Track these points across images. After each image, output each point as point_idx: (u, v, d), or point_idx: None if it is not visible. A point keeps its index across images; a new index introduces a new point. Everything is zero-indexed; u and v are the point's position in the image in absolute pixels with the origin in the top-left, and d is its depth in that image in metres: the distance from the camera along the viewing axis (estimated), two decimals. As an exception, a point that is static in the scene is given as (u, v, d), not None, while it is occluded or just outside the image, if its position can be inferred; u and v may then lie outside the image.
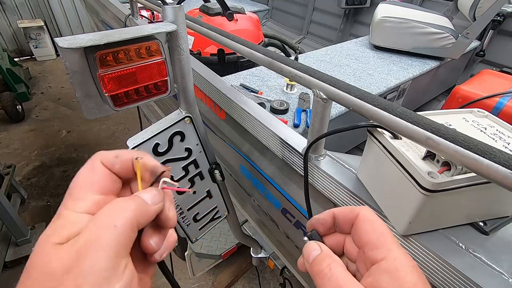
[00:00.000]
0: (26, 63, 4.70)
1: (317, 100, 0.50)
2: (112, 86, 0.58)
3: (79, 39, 0.50)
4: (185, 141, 0.81)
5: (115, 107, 0.61)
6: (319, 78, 0.48)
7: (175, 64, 0.67)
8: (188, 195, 0.92)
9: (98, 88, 0.58)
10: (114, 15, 1.61)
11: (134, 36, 0.54)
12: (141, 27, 0.57)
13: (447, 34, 1.71)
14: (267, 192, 0.94)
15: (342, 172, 0.56)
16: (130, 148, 0.70)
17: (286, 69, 0.54)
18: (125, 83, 0.59)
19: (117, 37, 0.52)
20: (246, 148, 0.92)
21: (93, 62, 0.54)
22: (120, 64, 0.57)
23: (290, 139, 0.63)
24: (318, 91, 0.49)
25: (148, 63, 0.60)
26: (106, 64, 0.55)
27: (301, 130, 1.17)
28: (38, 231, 2.15)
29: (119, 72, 0.57)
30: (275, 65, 0.57)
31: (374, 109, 0.41)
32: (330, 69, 1.64)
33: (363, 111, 0.43)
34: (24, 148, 3.05)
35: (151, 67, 0.61)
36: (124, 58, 0.57)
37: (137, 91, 0.62)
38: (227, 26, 1.72)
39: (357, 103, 0.43)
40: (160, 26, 0.58)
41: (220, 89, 0.83)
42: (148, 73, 0.62)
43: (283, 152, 0.66)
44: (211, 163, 0.92)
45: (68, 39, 0.50)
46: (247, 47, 0.63)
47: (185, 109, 0.77)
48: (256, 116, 0.70)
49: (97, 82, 0.57)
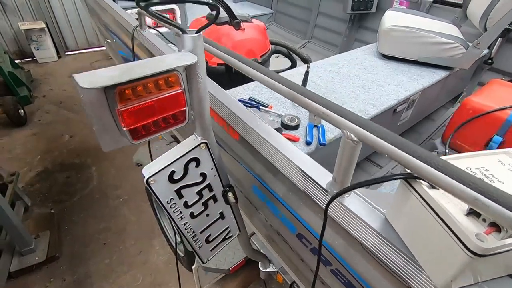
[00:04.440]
0: (27, 65, 4.67)
1: (347, 141, 0.48)
2: (131, 120, 0.56)
3: (99, 76, 0.48)
4: (200, 166, 0.79)
5: (133, 140, 0.59)
6: (350, 119, 0.47)
7: (192, 91, 0.65)
8: (201, 217, 0.91)
9: (116, 121, 0.57)
10: (120, 25, 1.59)
11: (155, 71, 0.52)
12: (162, 59, 0.55)
13: (457, 44, 1.69)
14: (282, 215, 0.92)
15: (370, 212, 0.54)
16: (146, 178, 0.69)
17: (312, 106, 0.52)
18: (143, 116, 0.57)
19: (138, 73, 0.50)
20: (260, 170, 0.90)
21: (112, 98, 0.52)
22: (139, 98, 0.55)
23: (313, 173, 0.61)
24: (349, 132, 0.47)
25: (167, 95, 0.58)
26: (125, 99, 0.53)
27: (313, 148, 1.15)
28: (42, 240, 2.13)
29: (138, 106, 0.55)
30: (300, 100, 0.55)
31: (413, 160, 0.39)
32: (340, 80, 1.62)
33: (400, 159, 0.41)
34: (26, 153, 3.03)
35: (170, 99, 0.59)
36: (143, 91, 0.55)
37: (156, 123, 0.61)
38: (234, 36, 1.70)
39: (393, 151, 0.41)
40: (181, 58, 0.56)
41: (236, 113, 0.81)
42: (166, 105, 0.60)
43: (305, 184, 0.64)
44: (224, 186, 0.91)
45: (87, 76, 0.48)
46: (270, 77, 0.61)
47: (200, 135, 0.75)
48: (276, 145, 0.68)
49: (116, 117, 0.55)
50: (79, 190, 2.65)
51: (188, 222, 0.87)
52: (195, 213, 0.87)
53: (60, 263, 2.10)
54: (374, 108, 1.40)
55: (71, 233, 2.30)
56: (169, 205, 0.78)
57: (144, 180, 0.69)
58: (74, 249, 2.20)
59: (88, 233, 2.30)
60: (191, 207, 0.85)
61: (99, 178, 2.77)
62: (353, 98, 1.46)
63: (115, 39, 2.04)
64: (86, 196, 2.61)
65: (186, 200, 0.82)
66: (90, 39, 5.35)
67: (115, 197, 2.59)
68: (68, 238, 2.27)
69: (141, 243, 2.26)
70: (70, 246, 2.21)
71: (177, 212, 0.82)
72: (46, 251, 2.08)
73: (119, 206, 2.51)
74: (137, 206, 2.51)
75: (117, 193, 2.63)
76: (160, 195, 0.74)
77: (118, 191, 2.64)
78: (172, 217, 0.82)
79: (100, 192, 2.64)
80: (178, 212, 0.82)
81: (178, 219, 0.84)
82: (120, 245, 2.23)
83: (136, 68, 0.51)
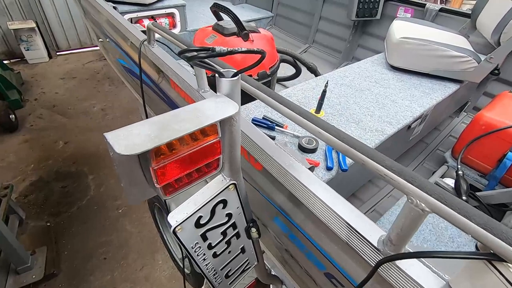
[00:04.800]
0: (17, 66, 4.50)
1: (413, 208, 0.44)
2: (164, 176, 0.50)
3: (135, 137, 0.42)
4: (227, 207, 0.73)
5: (165, 195, 0.53)
6: (421, 187, 0.42)
7: (225, 135, 0.60)
8: (223, 255, 0.85)
9: (146, 177, 0.51)
10: (124, 36, 1.51)
11: (197, 128, 0.46)
12: (200, 109, 0.49)
13: (470, 58, 1.67)
14: (308, 251, 0.87)
15: (429, 277, 0.49)
16: (174, 227, 0.63)
17: (372, 166, 0.47)
18: (177, 170, 0.52)
19: (179, 130, 0.44)
20: (287, 206, 0.85)
21: (145, 156, 0.46)
22: (174, 153, 0.49)
23: (361, 228, 0.56)
24: (418, 201, 0.42)
25: (203, 145, 0.52)
26: (159, 155, 0.47)
27: (334, 173, 1.10)
28: (39, 256, 2.04)
29: (172, 162, 0.49)
30: (354, 155, 0.50)
31: (507, 248, 0.35)
32: (352, 94, 1.58)
33: (486, 241, 0.37)
34: (19, 162, 2.91)
35: (206, 148, 0.54)
36: (178, 144, 0.49)
37: (189, 174, 0.55)
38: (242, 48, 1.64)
39: (480, 233, 0.37)
40: (221, 107, 0.50)
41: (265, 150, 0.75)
42: (202, 155, 0.54)
43: (349, 236, 0.59)
44: (248, 221, 0.85)
45: (122, 138, 0.42)
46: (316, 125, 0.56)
47: (229, 176, 0.69)
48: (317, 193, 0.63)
49: (147, 174, 0.49)
50: (77, 201, 2.56)
51: (210, 262, 0.82)
52: (217, 252, 0.82)
53: (59, 280, 2.02)
54: (391, 126, 1.36)
55: (69, 248, 2.21)
56: (193, 249, 0.73)
57: (171, 230, 0.63)
58: (73, 265, 2.11)
59: (87, 247, 2.22)
60: (214, 247, 0.79)
61: (97, 188, 2.68)
62: (368, 116, 1.42)
63: (114, 46, 1.95)
64: (84, 207, 2.51)
65: (210, 242, 0.76)
66: (82, 39, 5.19)
67: (115, 208, 2.51)
68: (66, 253, 2.18)
69: (143, 257, 2.19)
70: (69, 261, 2.13)
71: (201, 255, 0.77)
72: (43, 268, 1.99)
73: (119, 218, 2.43)
74: (138, 217, 2.43)
75: (116, 203, 2.54)
76: (186, 241, 0.68)
77: (117, 202, 2.55)
78: (195, 260, 0.76)
79: (98, 202, 2.55)
80: (201, 254, 0.77)
81: (201, 261, 0.79)
82: (122, 259, 2.16)
83: (173, 124, 0.45)
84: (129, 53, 1.66)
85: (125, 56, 1.78)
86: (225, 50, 0.52)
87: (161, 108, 1.56)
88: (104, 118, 3.60)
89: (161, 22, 2.71)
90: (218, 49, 0.51)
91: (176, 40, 0.97)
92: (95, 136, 3.29)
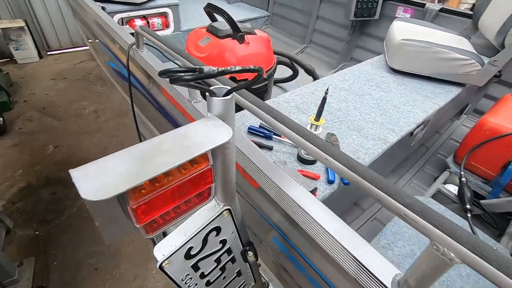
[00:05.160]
0: (6, 67, 4.37)
1: (439, 255, 0.37)
2: (146, 215, 0.43)
3: (108, 177, 0.35)
4: (220, 234, 0.66)
5: (147, 234, 0.46)
6: (450, 233, 0.35)
7: (217, 158, 0.53)
8: (218, 282, 0.79)
9: (126, 215, 0.43)
10: (113, 38, 1.43)
11: (183, 161, 0.39)
12: (187, 136, 0.42)
13: (473, 61, 1.61)
14: (310, 276, 0.81)
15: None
16: (160, 262, 0.56)
17: (388, 203, 0.40)
18: (161, 205, 0.45)
19: (160, 165, 0.37)
20: (287, 229, 0.78)
21: (123, 197, 0.39)
22: (157, 186, 0.42)
23: (373, 266, 0.49)
24: (446, 249, 0.36)
25: (192, 176, 0.45)
26: (139, 191, 0.40)
27: (336, 187, 1.04)
28: (26, 268, 1.96)
29: (155, 197, 0.42)
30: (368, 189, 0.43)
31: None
32: (352, 99, 1.51)
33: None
34: (7, 167, 2.81)
35: (195, 178, 0.47)
36: (162, 177, 0.42)
37: (176, 208, 0.48)
38: (238, 50, 1.57)
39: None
40: (213, 133, 0.43)
41: (263, 170, 0.68)
42: (191, 185, 0.47)
43: (357, 273, 0.53)
44: (244, 244, 0.79)
45: (91, 177, 0.35)
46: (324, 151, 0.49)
47: (223, 201, 0.62)
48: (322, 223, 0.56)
49: (127, 213, 0.42)
50: (67, 208, 2.47)
51: (202, 290, 0.75)
52: (211, 280, 0.75)
53: (48, 293, 1.93)
54: (394, 134, 1.30)
55: (59, 258, 2.13)
56: (184, 281, 0.66)
57: (157, 266, 0.56)
58: (63, 276, 2.03)
59: (78, 258, 2.14)
60: (207, 276, 0.72)
61: (88, 194, 2.59)
62: (370, 122, 1.35)
63: (103, 48, 1.87)
64: (75, 215, 2.42)
65: (202, 271, 0.69)
66: (74, 38, 5.06)
67: (106, 215, 2.42)
68: (55, 263, 2.10)
69: (136, 267, 2.11)
70: (58, 273, 2.05)
71: (192, 285, 0.70)
72: (31, 281, 1.90)
73: (110, 226, 2.34)
74: (130, 225, 2.35)
75: (108, 211, 2.45)
76: (174, 275, 0.61)
77: (109, 209, 2.47)
78: (186, 291, 0.69)
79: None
80: (193, 285, 0.70)
81: (193, 291, 0.72)
82: (114, 270, 2.08)
83: (156, 156, 0.38)
84: (118, 56, 1.57)
85: (115, 59, 1.70)
86: (215, 71, 0.44)
87: (152, 114, 1.48)
88: (96, 120, 3.50)
89: (153, 22, 2.62)
90: (206, 69, 0.44)
91: (164, 45, 0.90)
92: (86, 140, 3.19)
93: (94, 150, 3.07)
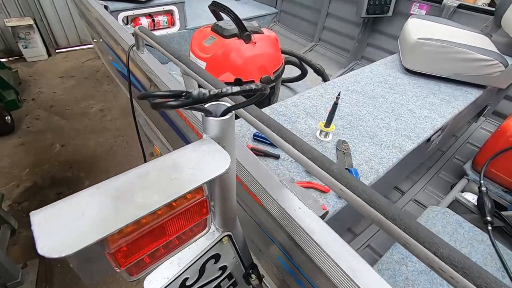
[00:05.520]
0: (15, 65, 4.39)
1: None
2: (128, 257, 0.36)
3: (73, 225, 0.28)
4: (220, 261, 0.60)
5: (131, 276, 0.40)
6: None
7: (214, 188, 0.46)
8: (217, 307, 0.72)
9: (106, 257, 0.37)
10: (115, 40, 1.37)
11: (170, 200, 0.32)
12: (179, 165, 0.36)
13: (496, 61, 1.50)
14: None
15: None
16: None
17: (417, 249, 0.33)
18: (147, 244, 0.38)
19: (140, 207, 0.30)
20: (289, 247, 0.71)
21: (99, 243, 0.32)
22: (141, 225, 0.35)
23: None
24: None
25: (184, 209, 0.39)
26: (118, 234, 0.34)
27: (347, 201, 0.96)
28: (30, 270, 1.94)
29: (139, 236, 0.36)
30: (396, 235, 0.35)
31: None
32: (365, 102, 1.43)
33: None
34: (13, 166, 2.81)
35: (188, 211, 0.40)
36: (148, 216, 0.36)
37: (166, 244, 0.41)
38: (245, 51, 1.49)
39: None
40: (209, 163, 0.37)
41: (267, 190, 0.61)
42: (184, 218, 0.40)
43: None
44: (247, 268, 0.72)
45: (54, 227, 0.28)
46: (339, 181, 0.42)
47: (222, 227, 0.56)
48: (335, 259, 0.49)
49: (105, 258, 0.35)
50: (72, 209, 2.45)
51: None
52: (211, 306, 0.69)
53: (51, 296, 1.92)
54: (410, 141, 1.21)
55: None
56: (179, 312, 0.60)
57: (148, 302, 0.50)
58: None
59: (81, 260, 2.11)
60: (206, 304, 0.66)
61: (93, 195, 2.57)
62: (384, 128, 1.27)
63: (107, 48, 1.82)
64: (79, 216, 2.41)
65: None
66: (82, 36, 5.06)
67: (111, 217, 2.40)
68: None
69: (140, 270, 2.07)
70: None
71: (190, 315, 0.64)
72: (34, 283, 1.89)
73: (115, 228, 2.32)
74: (134, 227, 2.32)
75: (112, 212, 2.43)
76: (168, 309, 0.55)
77: (113, 210, 2.44)
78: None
79: (94, 211, 2.44)
80: (190, 315, 0.64)
81: (190, 319, 0.66)
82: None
83: (137, 193, 0.31)
84: (120, 56, 1.52)
85: (117, 59, 1.64)
86: (207, 95, 0.36)
87: (155, 118, 1.43)
88: (102, 119, 3.49)
89: (159, 20, 2.56)
90: (195, 93, 0.36)
91: (163, 49, 0.83)
92: (92, 139, 3.18)
93: (100, 149, 3.05)
